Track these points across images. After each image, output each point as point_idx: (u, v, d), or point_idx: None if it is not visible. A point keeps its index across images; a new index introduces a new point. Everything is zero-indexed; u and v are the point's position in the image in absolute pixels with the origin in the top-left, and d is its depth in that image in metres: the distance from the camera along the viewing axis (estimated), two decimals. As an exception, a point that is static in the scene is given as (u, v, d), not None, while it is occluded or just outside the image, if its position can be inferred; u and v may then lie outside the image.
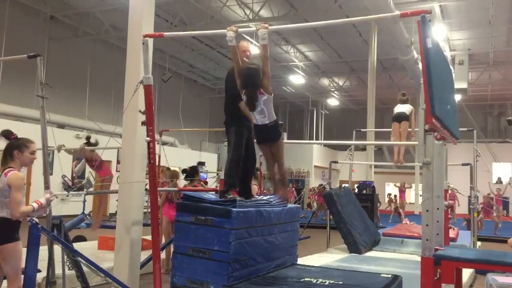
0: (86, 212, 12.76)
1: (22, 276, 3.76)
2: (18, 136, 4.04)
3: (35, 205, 3.64)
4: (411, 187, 19.42)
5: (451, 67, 15.97)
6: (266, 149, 4.56)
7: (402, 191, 18.50)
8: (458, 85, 15.68)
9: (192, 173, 7.05)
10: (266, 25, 4.03)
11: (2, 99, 13.80)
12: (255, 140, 4.65)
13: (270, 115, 4.34)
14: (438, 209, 3.16)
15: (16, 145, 3.81)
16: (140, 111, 4.58)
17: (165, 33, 4.59)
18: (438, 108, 3.04)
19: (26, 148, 3.81)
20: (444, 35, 16.43)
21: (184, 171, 7.16)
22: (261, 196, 5.30)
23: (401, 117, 8.86)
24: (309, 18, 14.22)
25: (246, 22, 15.21)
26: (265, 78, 4.22)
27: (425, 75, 3.03)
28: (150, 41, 4.62)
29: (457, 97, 16.16)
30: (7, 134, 4.01)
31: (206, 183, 10.35)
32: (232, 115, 4.68)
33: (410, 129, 8.77)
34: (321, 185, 19.89)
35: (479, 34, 17.19)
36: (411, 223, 13.09)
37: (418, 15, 3.21)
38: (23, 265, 3.78)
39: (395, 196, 19.38)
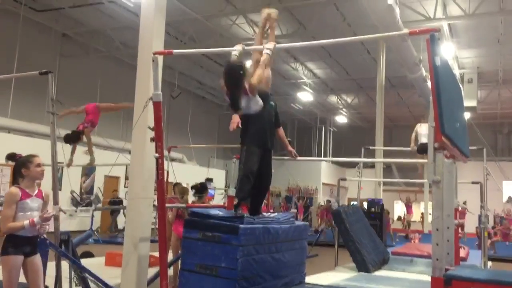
0: (94, 228, 12.77)
1: None
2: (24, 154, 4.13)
3: (26, 223, 3.68)
4: (416, 200, 19.21)
5: (460, 85, 15.94)
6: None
7: (408, 206, 18.32)
8: (467, 103, 15.62)
9: (201, 189, 7.06)
10: (274, 42, 4.23)
11: (13, 114, 13.96)
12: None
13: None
14: (448, 228, 3.12)
15: (21, 163, 3.91)
16: (149, 128, 4.61)
17: (174, 51, 4.63)
18: (447, 126, 3.02)
19: (31, 163, 3.88)
20: (452, 53, 16.44)
21: (193, 187, 7.17)
22: (268, 213, 5.28)
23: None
24: (318, 35, 14.31)
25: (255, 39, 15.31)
26: (254, 77, 4.17)
27: (434, 93, 3.03)
28: (160, 58, 4.68)
29: (466, 115, 16.08)
30: (12, 156, 4.14)
31: (210, 199, 10.34)
32: (244, 134, 4.68)
33: None
34: (329, 201, 19.81)
35: (488, 52, 17.18)
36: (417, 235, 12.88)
37: (427, 34, 3.22)
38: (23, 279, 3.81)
39: (399, 216, 19.23)
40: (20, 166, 3.87)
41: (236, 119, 4.65)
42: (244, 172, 4.49)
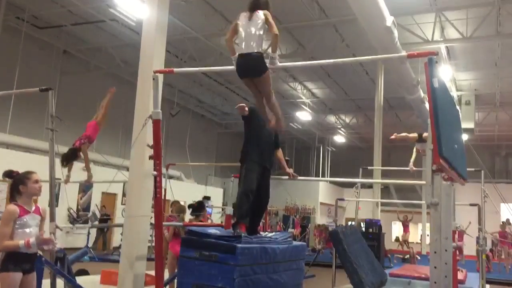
0: (90, 245, 12.68)
1: None
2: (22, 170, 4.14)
3: (21, 243, 3.67)
4: (412, 218, 19.15)
5: (457, 107, 16.03)
6: (250, 84, 4.22)
7: (405, 225, 18.22)
8: (465, 125, 15.70)
9: (199, 208, 7.03)
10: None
11: (12, 130, 13.97)
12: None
13: (258, 45, 4.06)
14: (446, 250, 3.11)
15: (19, 179, 3.92)
16: (148, 145, 4.62)
17: (175, 69, 4.68)
18: (445, 148, 3.04)
19: (28, 179, 3.90)
20: (450, 75, 16.58)
21: (190, 206, 7.14)
22: (265, 233, 5.26)
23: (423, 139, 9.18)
24: (317, 56, 14.44)
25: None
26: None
27: (432, 115, 3.05)
28: (160, 77, 4.71)
29: (464, 137, 16.16)
30: (9, 173, 4.16)
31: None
32: (245, 154, 4.70)
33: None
34: (324, 225, 19.71)
35: (485, 75, 17.33)
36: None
37: (425, 57, 3.26)
38: None
39: (397, 237, 19.11)
40: (18, 183, 3.88)
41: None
42: (244, 190, 4.49)
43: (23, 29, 14.24)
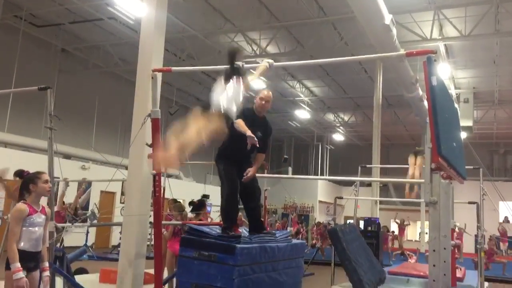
0: (89, 244, 12.67)
1: None
2: (20, 168, 4.17)
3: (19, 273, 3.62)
4: (409, 224, 19.15)
5: (456, 105, 16.06)
6: None
7: (401, 228, 18.24)
8: (463, 123, 15.71)
9: (199, 206, 7.03)
10: (271, 61, 4.49)
11: (10, 129, 13.94)
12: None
13: None
14: (445, 249, 3.12)
15: (29, 179, 3.98)
16: (147, 144, 4.62)
17: (173, 68, 4.69)
18: (444, 147, 3.04)
19: (39, 179, 3.95)
20: (449, 73, 16.59)
21: (191, 203, 7.14)
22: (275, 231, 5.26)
23: (421, 152, 9.11)
24: (315, 54, 14.44)
25: (253, 57, 15.45)
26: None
27: (431, 113, 3.06)
28: (159, 75, 4.70)
29: (463, 135, 16.19)
30: (20, 172, 4.22)
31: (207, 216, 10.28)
32: (219, 152, 4.63)
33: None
34: (322, 223, 19.73)
35: (484, 73, 17.33)
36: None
37: (424, 55, 3.26)
38: None
39: (393, 232, 19.16)
40: (28, 182, 3.93)
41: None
42: (229, 191, 4.41)
43: (21, 27, 14.19)
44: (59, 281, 4.69)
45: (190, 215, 7.20)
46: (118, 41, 15.50)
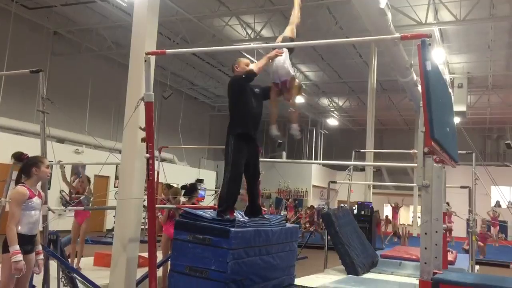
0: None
1: None
2: (16, 151, 4.13)
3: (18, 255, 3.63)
4: (403, 205, 19.31)
5: (450, 90, 16.08)
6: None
7: (395, 211, 18.41)
8: (457, 108, 15.76)
9: (191, 190, 7.04)
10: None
11: (3, 113, 13.84)
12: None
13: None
14: (436, 232, 3.15)
15: (33, 162, 3.96)
16: (140, 128, 4.59)
17: (167, 51, 4.62)
18: (437, 131, 3.05)
19: (42, 163, 3.96)
20: (443, 58, 16.58)
21: (183, 187, 7.15)
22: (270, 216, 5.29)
23: None
24: (310, 38, 14.28)
25: (248, 41, 15.35)
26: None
27: (425, 98, 3.06)
28: (152, 58, 4.65)
29: (456, 120, 16.26)
30: (19, 155, 4.19)
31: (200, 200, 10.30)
32: (230, 128, 4.72)
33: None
34: (313, 206, 19.88)
35: (478, 58, 17.35)
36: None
37: (418, 39, 3.25)
38: None
39: (386, 216, 19.34)
40: (32, 165, 3.91)
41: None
42: (232, 175, 4.45)
43: (13, 10, 14.01)
44: (53, 265, 4.70)
45: (182, 199, 7.21)
46: (111, 24, 15.35)
